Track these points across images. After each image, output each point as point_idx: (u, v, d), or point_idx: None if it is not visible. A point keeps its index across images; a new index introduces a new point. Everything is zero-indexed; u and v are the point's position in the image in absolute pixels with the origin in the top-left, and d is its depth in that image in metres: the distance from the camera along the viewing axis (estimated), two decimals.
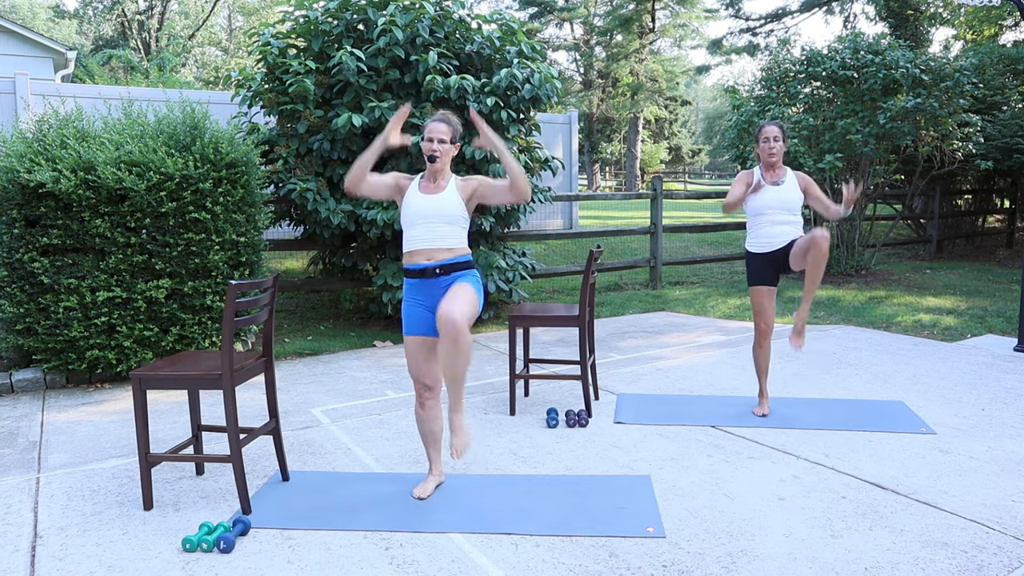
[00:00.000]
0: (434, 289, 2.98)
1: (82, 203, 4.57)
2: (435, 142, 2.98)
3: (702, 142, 52.40)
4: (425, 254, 2.98)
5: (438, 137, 2.98)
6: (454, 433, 2.85)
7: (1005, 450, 3.54)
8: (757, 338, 4.12)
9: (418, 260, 2.98)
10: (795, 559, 2.55)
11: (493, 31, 6.37)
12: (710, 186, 37.99)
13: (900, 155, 9.32)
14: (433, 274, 2.97)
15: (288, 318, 6.88)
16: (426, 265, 2.97)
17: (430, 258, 2.97)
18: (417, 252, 2.99)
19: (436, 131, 2.99)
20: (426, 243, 2.97)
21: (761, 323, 4.08)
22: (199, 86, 25.63)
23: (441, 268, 2.97)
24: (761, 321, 4.08)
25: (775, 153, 3.96)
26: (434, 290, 2.99)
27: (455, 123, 3.06)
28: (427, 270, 2.97)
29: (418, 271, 2.98)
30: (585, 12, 29.57)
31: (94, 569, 2.52)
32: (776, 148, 3.95)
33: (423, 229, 2.97)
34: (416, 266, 2.99)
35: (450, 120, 3.04)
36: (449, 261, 2.98)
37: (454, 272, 2.99)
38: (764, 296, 4.05)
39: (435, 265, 2.96)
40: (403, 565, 2.53)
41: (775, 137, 3.96)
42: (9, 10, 36.30)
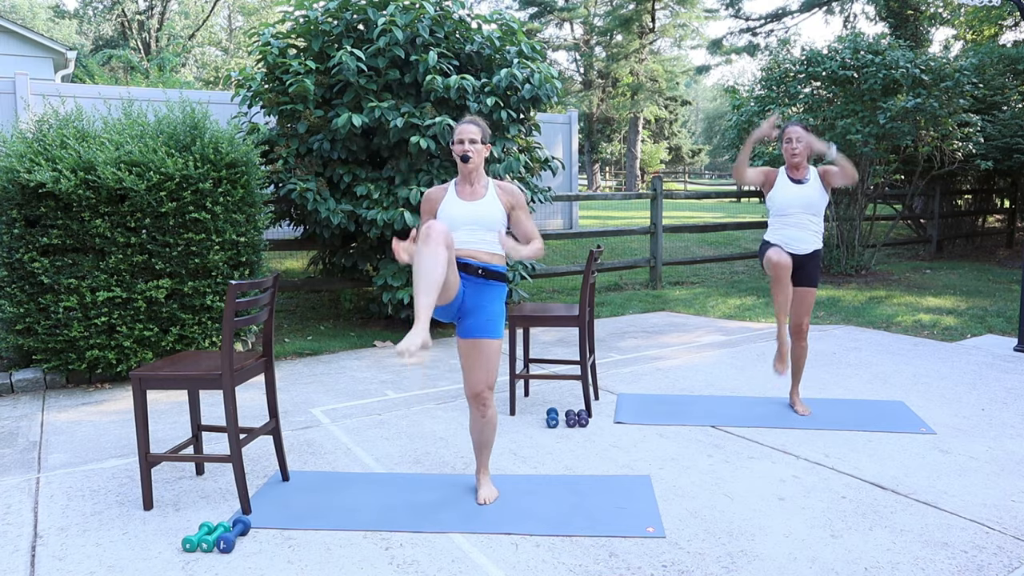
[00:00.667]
0: (471, 287, 2.93)
1: (82, 203, 4.57)
2: (466, 143, 2.95)
3: (702, 142, 52.39)
4: (467, 253, 2.94)
5: (469, 137, 2.95)
6: (481, 487, 3.04)
7: (1005, 450, 3.54)
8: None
9: (460, 255, 2.94)
10: (795, 559, 2.55)
11: (493, 31, 6.37)
12: (710, 186, 38.00)
13: (900, 155, 9.32)
14: (475, 272, 2.93)
15: (288, 318, 6.88)
16: (469, 261, 2.92)
17: (473, 256, 2.93)
18: (459, 250, 2.94)
19: (466, 132, 2.96)
20: (469, 245, 2.93)
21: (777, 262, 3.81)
22: (199, 86, 25.63)
23: (484, 271, 2.93)
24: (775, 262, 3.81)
25: (798, 153, 3.95)
26: (470, 287, 2.93)
27: (484, 125, 3.03)
28: (470, 266, 2.93)
29: (461, 265, 2.93)
30: (585, 12, 29.57)
31: (94, 569, 2.52)
32: (799, 148, 3.94)
33: (464, 234, 2.93)
34: (459, 259, 2.92)
35: (479, 122, 3.02)
36: (492, 267, 2.94)
37: (492, 280, 2.95)
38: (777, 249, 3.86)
39: (479, 265, 2.92)
40: (403, 565, 2.53)
41: (797, 137, 3.94)
42: (9, 10, 36.29)
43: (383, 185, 5.98)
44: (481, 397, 2.94)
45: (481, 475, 3.08)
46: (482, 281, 2.94)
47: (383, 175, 6.10)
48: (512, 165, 6.05)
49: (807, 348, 4.15)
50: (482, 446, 3.04)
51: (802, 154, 3.96)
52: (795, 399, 4.18)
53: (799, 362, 4.16)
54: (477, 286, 2.94)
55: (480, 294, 2.94)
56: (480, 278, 2.93)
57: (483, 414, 2.96)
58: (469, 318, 2.94)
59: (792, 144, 3.96)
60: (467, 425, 3.97)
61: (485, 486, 3.05)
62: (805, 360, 4.17)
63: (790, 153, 3.98)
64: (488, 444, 3.04)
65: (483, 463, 3.08)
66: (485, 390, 2.93)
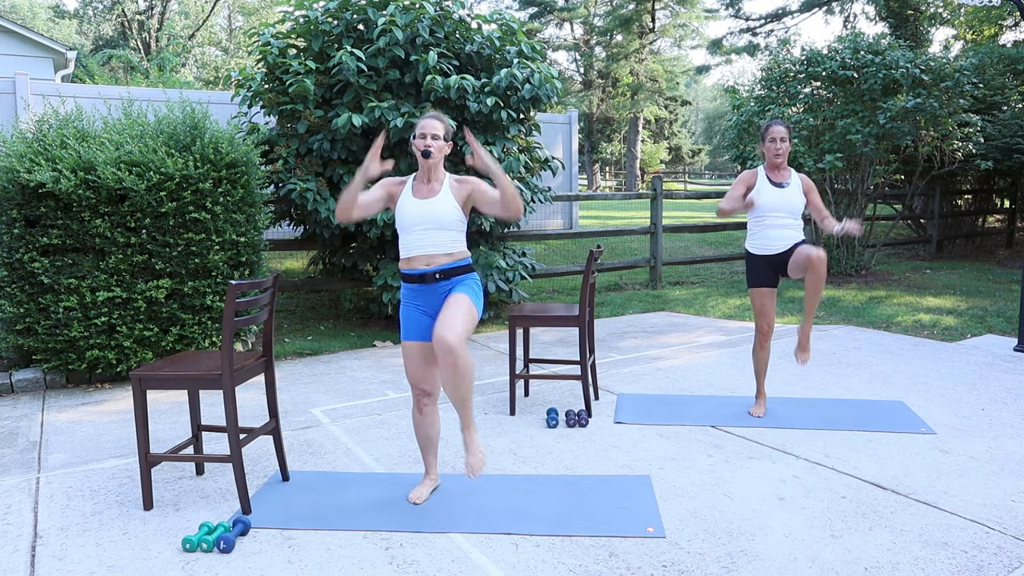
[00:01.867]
0: (434, 294, 2.93)
1: (82, 203, 4.57)
2: (428, 137, 2.91)
3: (702, 142, 52.40)
4: (423, 260, 2.90)
5: (431, 132, 2.92)
6: (469, 452, 2.80)
7: (1005, 450, 3.54)
8: (758, 339, 4.10)
9: (416, 265, 2.91)
10: (795, 559, 2.55)
11: (493, 31, 6.37)
12: (710, 186, 37.99)
13: (900, 155, 9.32)
14: (433, 279, 2.90)
15: (288, 318, 6.88)
16: (425, 271, 2.89)
17: (429, 263, 2.90)
18: (415, 258, 2.91)
19: (429, 127, 2.92)
20: (423, 249, 2.90)
21: (763, 324, 4.06)
22: (199, 86, 25.63)
23: (441, 273, 2.90)
24: (763, 323, 4.06)
25: (781, 154, 3.90)
26: (434, 295, 2.93)
27: (447, 121, 3.00)
28: (426, 276, 2.90)
29: (417, 276, 2.91)
30: (585, 12, 29.57)
31: (94, 569, 2.52)
32: (783, 149, 3.90)
33: (419, 235, 2.90)
34: (414, 271, 2.91)
35: (442, 118, 2.98)
36: (449, 266, 2.91)
37: (454, 277, 2.92)
38: (765, 297, 4.03)
39: (434, 270, 2.89)
40: (403, 565, 2.53)
41: (781, 138, 3.90)
42: (9, 10, 36.29)
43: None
44: (446, 340, 2.65)
45: (467, 434, 2.81)
46: (443, 282, 2.92)
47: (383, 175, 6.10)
48: (512, 165, 6.05)
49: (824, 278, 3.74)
50: (462, 402, 2.77)
51: (784, 155, 3.91)
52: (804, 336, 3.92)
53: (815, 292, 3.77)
54: (439, 288, 2.92)
55: (444, 291, 2.92)
56: (439, 281, 2.91)
57: (450, 361, 2.66)
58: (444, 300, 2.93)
59: (776, 144, 3.90)
60: None
61: (474, 451, 2.78)
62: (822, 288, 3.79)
63: (773, 153, 3.91)
64: (467, 399, 2.77)
65: (467, 420, 2.80)
66: (449, 333, 2.66)
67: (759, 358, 4.13)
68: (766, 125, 3.98)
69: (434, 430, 3.06)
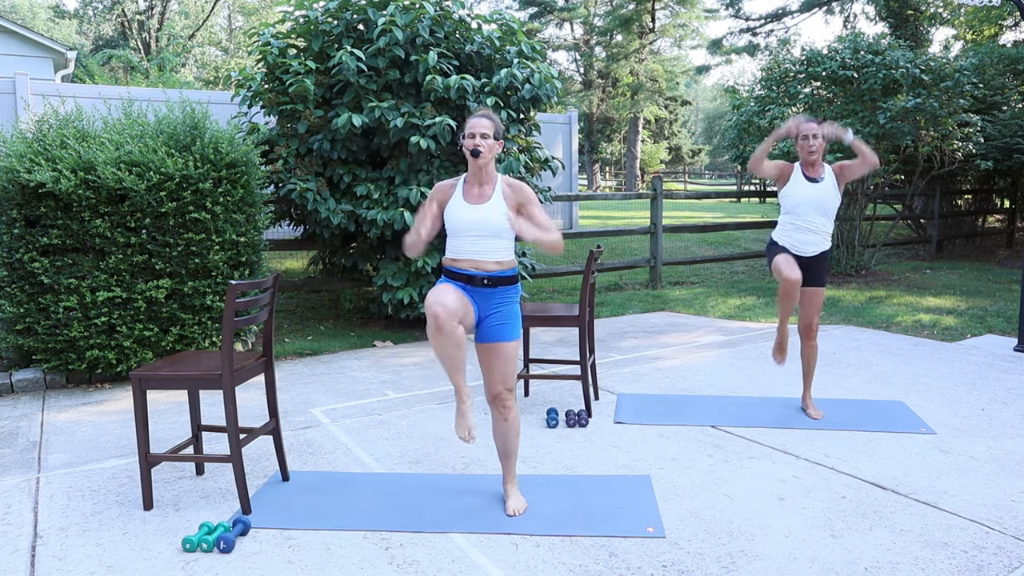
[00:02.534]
0: (479, 293, 2.87)
1: (82, 203, 4.57)
2: (477, 136, 2.83)
3: (702, 142, 52.40)
4: (471, 263, 2.84)
5: (480, 131, 2.83)
6: (510, 498, 2.95)
7: (1005, 450, 3.54)
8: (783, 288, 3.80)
9: (464, 267, 2.85)
10: (795, 559, 2.55)
11: (493, 31, 6.37)
12: (710, 186, 37.99)
13: (900, 155, 9.32)
14: (480, 284, 2.84)
15: (288, 318, 6.88)
16: (473, 274, 2.84)
17: (477, 267, 2.84)
18: (462, 260, 2.86)
19: (479, 126, 2.83)
20: (472, 255, 2.84)
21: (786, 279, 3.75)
22: (199, 86, 25.63)
23: (489, 280, 2.84)
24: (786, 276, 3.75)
25: (815, 151, 3.82)
26: (478, 294, 2.87)
27: (497, 120, 2.91)
28: (474, 279, 2.84)
29: (464, 277, 2.85)
30: (585, 12, 29.58)
31: (94, 569, 2.52)
32: (816, 146, 3.81)
33: (469, 241, 2.84)
34: (462, 271, 2.85)
35: (492, 116, 2.90)
36: (497, 274, 2.85)
37: (501, 286, 2.87)
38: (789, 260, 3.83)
39: (483, 276, 2.83)
40: (403, 565, 2.53)
41: (814, 134, 3.81)
42: (9, 10, 36.29)
43: (383, 185, 5.98)
44: (501, 398, 2.87)
45: (509, 485, 2.98)
46: (490, 289, 2.86)
47: (383, 175, 6.10)
48: (512, 165, 6.05)
49: (817, 348, 4.06)
50: (508, 453, 2.94)
51: (819, 151, 3.84)
52: (807, 402, 4.10)
53: (809, 363, 4.08)
54: (486, 295, 2.86)
55: (490, 300, 2.87)
56: (487, 287, 2.86)
57: (504, 416, 2.88)
58: (484, 323, 2.89)
59: (809, 141, 3.82)
60: None
61: (514, 496, 2.95)
62: (815, 361, 4.09)
63: (807, 151, 3.84)
64: (513, 451, 2.94)
65: (510, 472, 2.98)
66: (504, 391, 2.87)
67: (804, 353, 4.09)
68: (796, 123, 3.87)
69: (461, 351, 2.74)
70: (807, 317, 4.01)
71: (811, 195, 3.86)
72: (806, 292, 3.98)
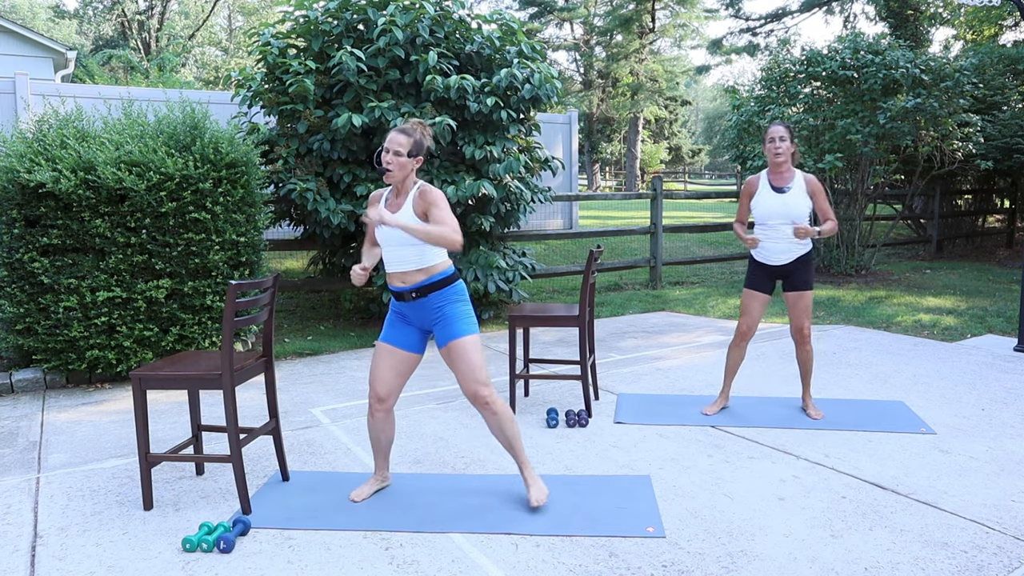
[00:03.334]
0: (416, 309, 2.91)
1: (82, 203, 4.57)
2: (390, 153, 2.81)
3: (702, 142, 52.40)
4: (399, 277, 2.88)
5: (393, 148, 2.80)
6: (531, 487, 2.95)
7: (1005, 450, 3.54)
8: (735, 337, 4.12)
9: (394, 283, 2.90)
10: (795, 559, 2.55)
11: (493, 31, 6.37)
12: (710, 186, 38.00)
13: (900, 155, 9.32)
14: (411, 297, 2.88)
15: (288, 318, 6.88)
16: (402, 289, 2.88)
17: (404, 281, 2.88)
18: (392, 275, 2.90)
19: (393, 141, 2.81)
20: (396, 267, 2.87)
21: (743, 324, 4.07)
22: (199, 86, 25.63)
23: (417, 291, 2.86)
24: (743, 322, 4.07)
25: (781, 152, 3.85)
26: (416, 310, 2.91)
27: (416, 134, 2.84)
28: (404, 294, 2.89)
29: (396, 293, 2.92)
30: (585, 12, 29.58)
31: (94, 569, 2.52)
32: (782, 148, 3.84)
33: (389, 253, 2.87)
34: (394, 288, 2.92)
35: (412, 131, 2.84)
36: (424, 283, 2.86)
37: (431, 293, 2.87)
38: (755, 300, 4.05)
39: (410, 289, 2.86)
40: (403, 565, 2.53)
41: (780, 136, 3.85)
42: (9, 10, 36.30)
43: (383, 185, 5.98)
44: (479, 395, 2.87)
45: (525, 473, 2.97)
46: (422, 299, 2.88)
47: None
48: (512, 165, 6.05)
49: (812, 351, 4.06)
50: (510, 443, 2.94)
51: (785, 154, 3.86)
52: (807, 402, 4.11)
53: (806, 366, 4.08)
54: (422, 305, 2.89)
55: (428, 307, 2.89)
56: (419, 299, 2.88)
57: (492, 411, 2.88)
58: (436, 328, 2.91)
59: (776, 144, 3.85)
60: (467, 424, 3.98)
61: (534, 485, 2.94)
62: (812, 363, 4.09)
63: (773, 153, 3.87)
64: (515, 439, 2.94)
65: (522, 460, 2.98)
66: (478, 387, 2.86)
67: (732, 356, 4.15)
68: (766, 128, 3.96)
69: (384, 435, 3.04)
70: (797, 321, 4.00)
71: (777, 205, 3.88)
72: (790, 297, 4.00)
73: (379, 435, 3.04)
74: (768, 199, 3.91)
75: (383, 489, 3.14)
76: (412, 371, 3.02)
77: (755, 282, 4.04)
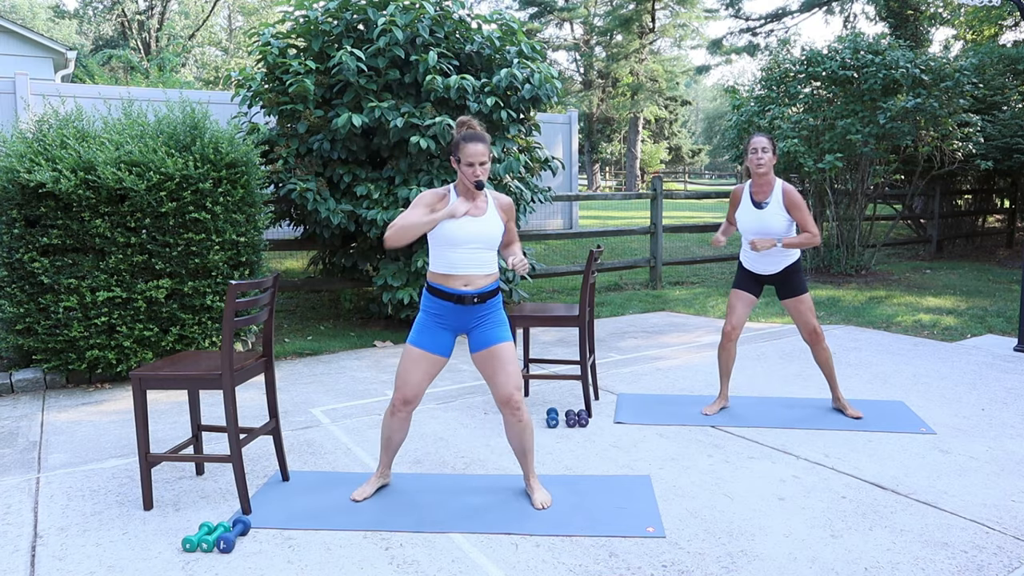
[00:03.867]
0: (465, 314, 2.89)
1: (82, 203, 4.57)
2: (477, 166, 2.78)
3: (702, 142, 52.39)
4: (463, 279, 2.84)
5: (479, 160, 2.78)
6: (535, 493, 2.99)
7: (1005, 450, 3.54)
8: (722, 339, 4.13)
9: (455, 285, 2.84)
10: (795, 559, 2.55)
11: (493, 31, 6.37)
12: (710, 186, 38.00)
13: (900, 155, 9.32)
14: (471, 302, 2.87)
15: (288, 318, 6.88)
16: (464, 292, 2.84)
17: (468, 284, 2.84)
18: (455, 276, 2.84)
19: (478, 155, 2.77)
20: (466, 269, 2.84)
21: (727, 324, 4.10)
22: (199, 86, 25.63)
23: (479, 297, 2.87)
24: (728, 322, 4.10)
25: (763, 163, 3.83)
26: (465, 315, 2.89)
27: (487, 138, 2.87)
28: (464, 298, 2.84)
29: (455, 297, 2.84)
30: (585, 12, 29.58)
31: (94, 569, 2.52)
32: (764, 159, 3.83)
33: (465, 254, 2.83)
34: (452, 291, 2.84)
35: (486, 138, 2.85)
36: (487, 289, 2.88)
37: (489, 300, 2.90)
38: (740, 300, 4.08)
39: (474, 294, 2.85)
40: (403, 565, 2.53)
41: (763, 148, 3.83)
42: (9, 10, 36.30)
43: (383, 185, 5.98)
44: (512, 400, 2.89)
45: (531, 480, 3.03)
46: (479, 305, 2.90)
47: (383, 175, 6.10)
48: (512, 165, 6.05)
49: (829, 350, 4.03)
50: (525, 452, 2.98)
51: (767, 165, 3.84)
52: (843, 403, 4.07)
53: (827, 366, 4.04)
54: (472, 308, 2.90)
55: (476, 312, 2.91)
56: (477, 304, 2.89)
57: (519, 418, 2.91)
58: (473, 332, 2.93)
59: (758, 155, 3.84)
60: (467, 424, 3.98)
61: (538, 491, 3.00)
62: (832, 362, 4.05)
63: (755, 164, 3.85)
64: (530, 449, 2.99)
65: (530, 470, 3.03)
66: (514, 392, 2.89)
67: (721, 357, 4.16)
68: (747, 139, 3.95)
69: (398, 436, 3.05)
70: (805, 324, 4.00)
71: (754, 222, 3.91)
72: (789, 304, 4.02)
73: (393, 435, 3.04)
74: (747, 214, 3.95)
75: (383, 489, 3.14)
76: (438, 374, 3.04)
77: (741, 283, 4.10)
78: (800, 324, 4.02)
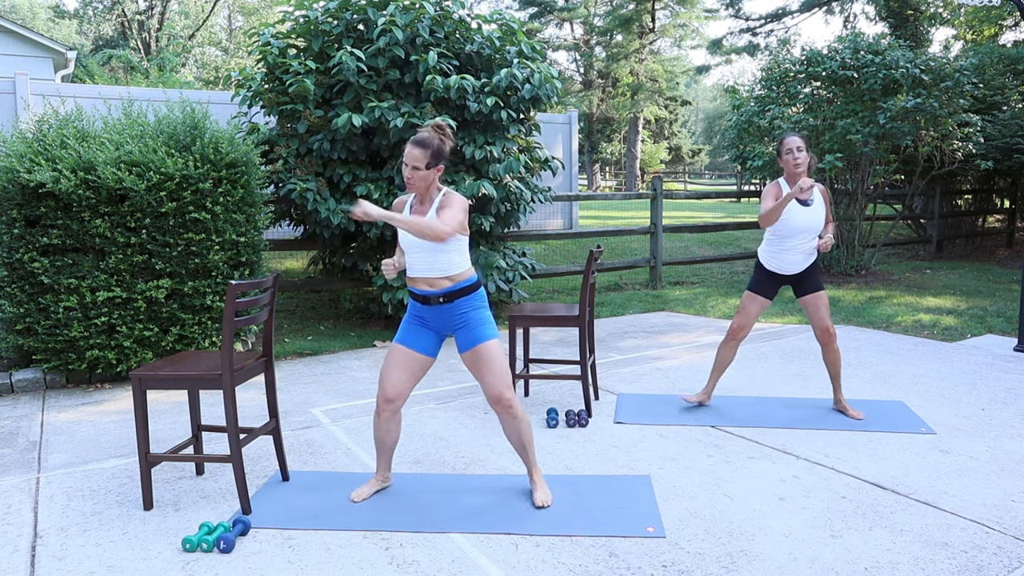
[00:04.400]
0: (440, 314, 2.92)
1: (82, 203, 4.57)
2: (408, 168, 2.82)
3: (702, 142, 52.40)
4: (424, 281, 2.89)
5: (412, 164, 2.81)
6: (537, 489, 3.00)
7: (1005, 450, 3.54)
8: (728, 335, 4.11)
9: (420, 286, 2.90)
10: (795, 559, 2.55)
11: (493, 31, 6.37)
12: (710, 186, 38.00)
13: (900, 155, 9.32)
14: (437, 302, 2.90)
15: (288, 318, 6.88)
16: (428, 293, 2.89)
17: (430, 285, 2.88)
18: (416, 279, 2.91)
19: (409, 157, 2.81)
20: (421, 272, 2.88)
21: (737, 323, 4.07)
22: (199, 86, 25.63)
23: (444, 296, 2.88)
24: (738, 320, 4.07)
25: (800, 163, 3.78)
26: (440, 314, 2.93)
27: (434, 143, 2.81)
28: (430, 298, 2.89)
29: (420, 297, 2.92)
30: (585, 12, 29.58)
31: (94, 569, 2.52)
32: (801, 158, 3.78)
33: (417, 258, 2.87)
34: (419, 291, 2.91)
35: (429, 142, 2.80)
36: (451, 289, 2.89)
37: (457, 299, 2.90)
38: (755, 303, 4.05)
39: (438, 293, 2.88)
40: (403, 565, 2.53)
41: (798, 147, 3.78)
42: (9, 10, 36.30)
43: (383, 185, 5.98)
44: (504, 399, 2.90)
45: (534, 476, 3.03)
46: (448, 304, 2.90)
47: (383, 175, 6.10)
48: (512, 165, 6.05)
49: (839, 351, 4.01)
50: (523, 447, 3.00)
51: (804, 164, 3.80)
52: (843, 404, 4.07)
53: (835, 367, 4.04)
54: (445, 309, 2.91)
55: (452, 312, 2.91)
56: (445, 303, 2.90)
57: (512, 415, 2.93)
58: (460, 332, 2.93)
59: (794, 155, 3.78)
60: (467, 424, 3.98)
61: (540, 488, 3.00)
62: (840, 364, 4.06)
63: (792, 164, 3.79)
64: (529, 444, 3.00)
65: (532, 464, 3.03)
66: (505, 390, 2.90)
67: (722, 353, 4.15)
68: (780, 139, 3.89)
69: (389, 436, 3.05)
70: (820, 321, 3.98)
71: (806, 220, 3.85)
72: (808, 301, 4.01)
73: (384, 436, 3.05)
74: (799, 214, 3.82)
75: (383, 489, 3.14)
76: (423, 374, 3.04)
77: (761, 287, 4.04)
78: (817, 321, 3.99)
